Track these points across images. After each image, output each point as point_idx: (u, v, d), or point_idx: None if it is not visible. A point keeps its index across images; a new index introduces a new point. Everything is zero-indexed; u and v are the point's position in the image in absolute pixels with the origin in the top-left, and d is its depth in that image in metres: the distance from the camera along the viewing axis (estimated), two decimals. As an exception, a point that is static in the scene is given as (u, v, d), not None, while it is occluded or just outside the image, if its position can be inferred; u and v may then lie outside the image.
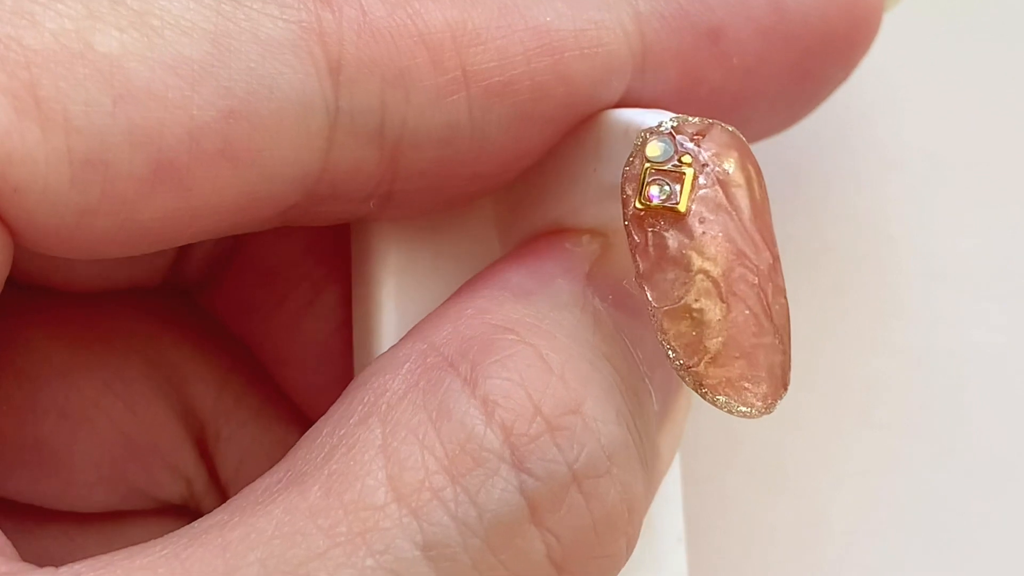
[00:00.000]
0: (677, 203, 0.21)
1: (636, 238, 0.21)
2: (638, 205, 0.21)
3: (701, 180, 0.21)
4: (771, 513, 0.31)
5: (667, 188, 0.21)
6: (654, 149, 0.21)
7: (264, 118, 0.20)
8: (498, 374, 0.20)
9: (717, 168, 0.21)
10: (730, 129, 0.21)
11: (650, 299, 0.21)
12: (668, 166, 0.21)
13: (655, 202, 0.21)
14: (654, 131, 0.21)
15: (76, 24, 0.19)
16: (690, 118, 0.21)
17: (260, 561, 0.18)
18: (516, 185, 0.24)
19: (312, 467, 0.20)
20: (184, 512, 0.28)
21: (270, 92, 0.20)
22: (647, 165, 0.21)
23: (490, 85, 0.21)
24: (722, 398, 0.21)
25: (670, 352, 0.21)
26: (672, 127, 0.21)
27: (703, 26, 0.23)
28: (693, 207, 0.20)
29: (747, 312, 0.20)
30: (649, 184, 0.21)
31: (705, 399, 0.21)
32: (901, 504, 0.31)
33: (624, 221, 0.21)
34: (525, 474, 0.20)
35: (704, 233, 0.21)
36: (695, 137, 0.21)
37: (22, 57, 0.19)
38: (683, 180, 0.21)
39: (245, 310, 0.28)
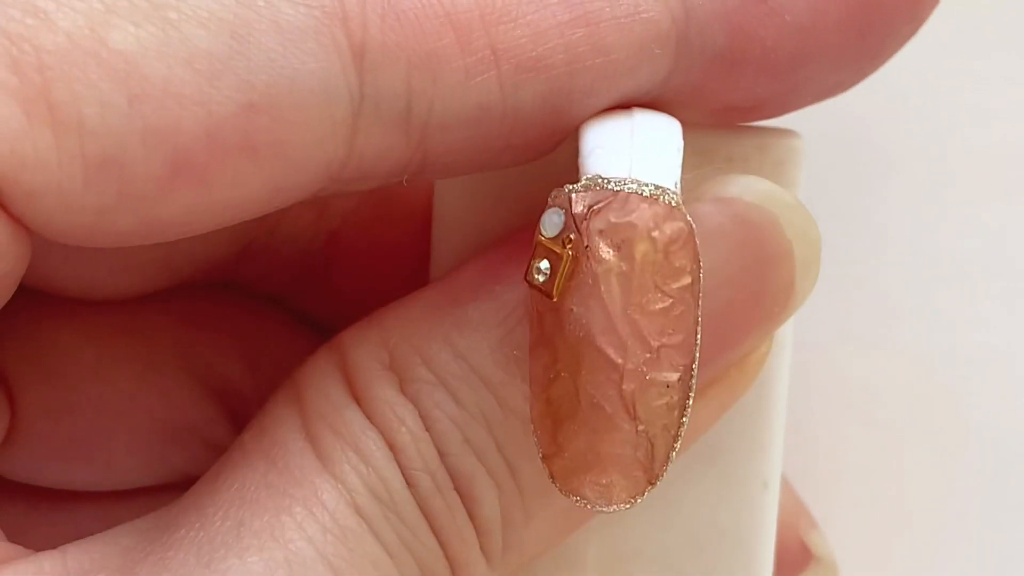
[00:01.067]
0: (552, 289, 0.20)
1: (529, 304, 0.20)
2: (527, 279, 0.20)
3: (583, 265, 0.20)
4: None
5: (547, 270, 0.20)
6: (546, 223, 0.20)
7: (285, 110, 0.20)
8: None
9: (599, 251, 0.20)
10: (644, 193, 0.20)
11: (530, 373, 0.20)
12: (555, 243, 0.20)
13: (535, 282, 0.20)
14: (557, 196, 0.20)
15: (90, 21, 0.19)
16: (604, 180, 0.20)
17: (236, 523, 0.21)
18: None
19: (252, 446, 0.22)
20: None
21: (291, 83, 0.20)
22: (537, 237, 0.20)
23: (522, 61, 0.21)
24: (577, 498, 0.20)
25: (535, 437, 0.20)
26: (572, 194, 0.20)
27: None
28: (566, 296, 0.20)
29: (602, 413, 0.20)
30: (535, 261, 0.20)
31: (563, 493, 0.20)
32: (901, 504, 0.31)
33: None
34: (403, 472, 0.21)
35: (569, 325, 0.20)
36: (593, 209, 0.20)
37: (35, 60, 0.19)
38: (562, 264, 0.20)
39: (334, 319, 0.28)
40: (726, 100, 0.23)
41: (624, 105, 0.22)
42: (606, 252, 0.20)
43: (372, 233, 0.28)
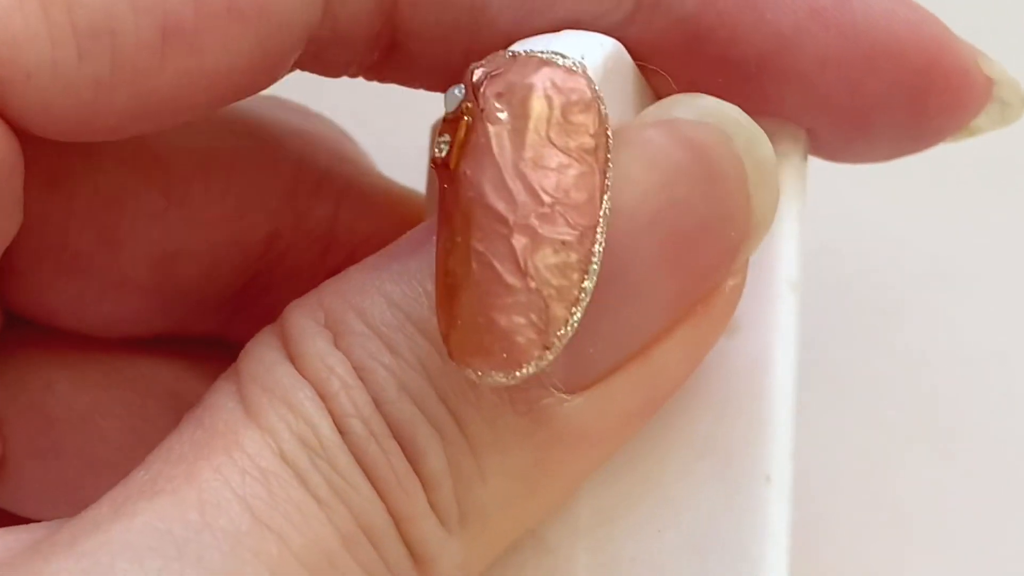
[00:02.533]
0: (450, 159, 0.19)
1: (436, 191, 0.20)
2: (429, 164, 0.20)
3: (477, 128, 0.19)
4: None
5: (446, 143, 0.19)
6: (448, 99, 0.20)
7: None
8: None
9: (493, 111, 0.19)
10: (542, 57, 0.19)
11: (435, 264, 0.20)
12: (455, 115, 0.19)
13: (437, 159, 0.19)
14: (466, 75, 0.20)
15: None
16: (511, 52, 0.20)
17: (155, 475, 0.20)
18: None
19: (187, 417, 0.21)
20: None
21: None
22: (444, 116, 0.20)
23: None
24: (472, 372, 0.19)
25: (436, 318, 0.19)
26: (476, 68, 0.20)
27: None
28: (461, 162, 0.19)
29: (492, 272, 0.19)
30: (436, 139, 0.19)
31: (465, 375, 0.19)
32: (901, 504, 0.31)
33: None
34: (335, 421, 0.20)
35: (462, 189, 0.19)
36: (490, 75, 0.19)
37: None
38: (457, 132, 0.19)
39: None
40: (689, 75, 0.22)
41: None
42: (500, 111, 0.19)
43: None
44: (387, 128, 0.25)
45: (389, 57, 0.23)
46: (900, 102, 0.23)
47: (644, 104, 0.22)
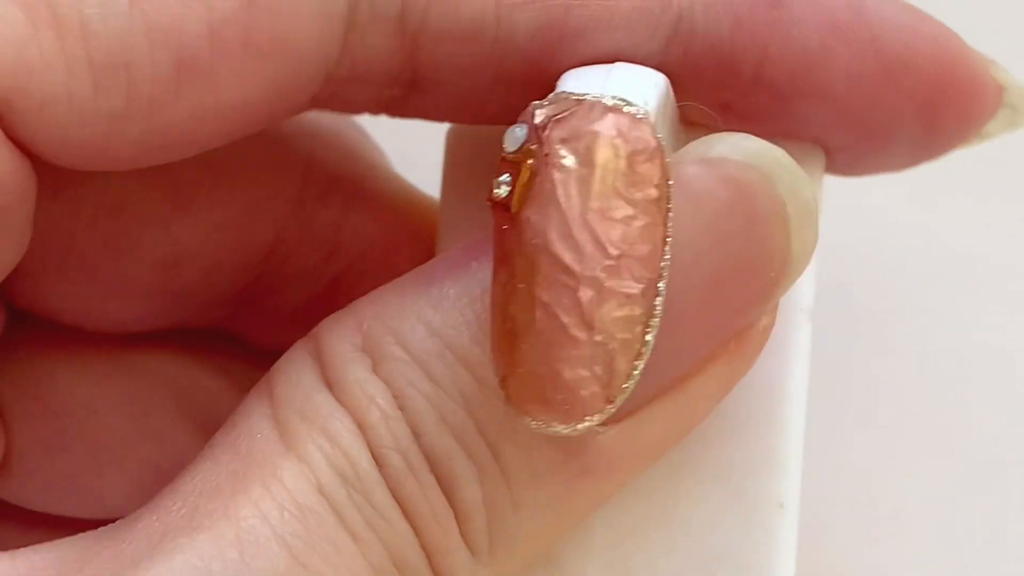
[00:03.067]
0: (511, 201, 0.19)
1: (494, 232, 0.20)
2: (487, 201, 0.19)
3: (542, 173, 0.19)
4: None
5: (508, 183, 0.19)
6: (508, 137, 0.19)
7: (284, 5, 0.20)
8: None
9: (559, 157, 0.19)
10: (607, 103, 0.19)
11: (490, 303, 0.20)
12: (517, 156, 0.19)
13: (496, 199, 0.19)
14: (524, 114, 0.20)
15: None
16: (567, 94, 0.19)
17: (192, 509, 0.20)
18: None
19: (220, 440, 0.21)
20: None
21: None
22: (501, 156, 0.19)
23: None
24: (531, 420, 0.19)
25: (493, 362, 0.19)
26: (536, 109, 0.19)
27: None
28: (525, 206, 0.19)
29: (557, 322, 0.19)
30: (497, 177, 0.19)
31: (522, 422, 0.19)
32: (901, 504, 0.31)
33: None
34: (373, 453, 0.20)
35: (526, 235, 0.19)
36: (555, 119, 0.19)
37: None
38: (519, 174, 0.19)
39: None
40: (724, 96, 0.23)
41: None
42: (566, 158, 0.19)
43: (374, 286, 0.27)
44: (404, 125, 0.25)
45: (411, 94, 0.22)
46: (917, 114, 0.23)
47: (677, 132, 0.22)
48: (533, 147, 0.19)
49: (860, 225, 0.31)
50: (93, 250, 0.25)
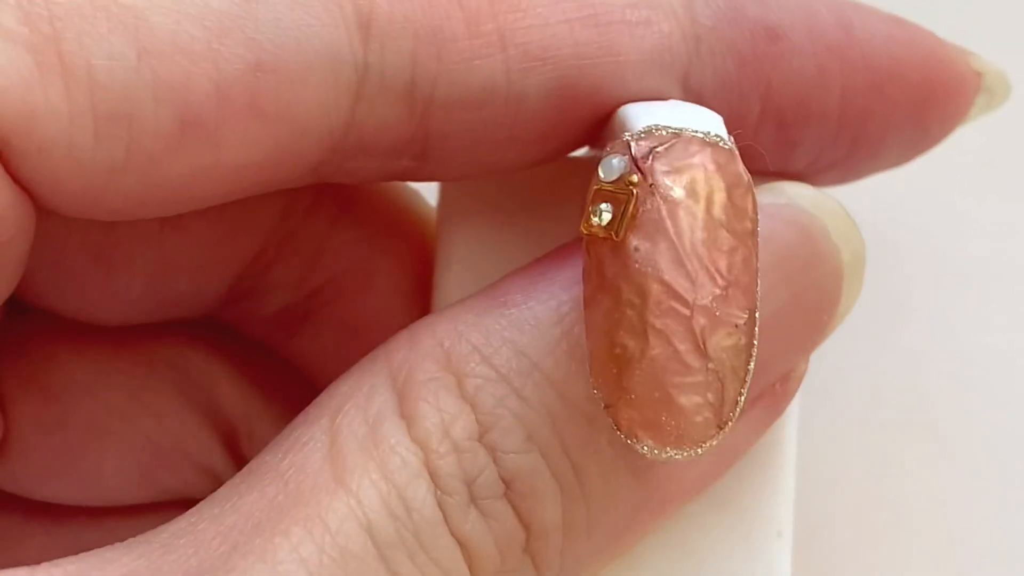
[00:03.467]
0: (615, 229, 0.19)
1: (584, 261, 0.20)
2: (583, 229, 0.20)
3: (648, 203, 0.19)
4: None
5: (608, 212, 0.19)
6: (605, 168, 0.20)
7: (292, 71, 0.20)
8: (423, 396, 0.21)
9: (666, 189, 0.19)
10: (703, 137, 0.20)
11: (587, 329, 0.20)
12: (616, 187, 0.19)
13: (595, 227, 0.19)
14: (615, 145, 0.20)
15: None
16: (661, 128, 0.20)
17: (231, 547, 0.19)
18: None
19: (270, 466, 0.21)
20: None
21: (298, 44, 0.20)
22: (596, 186, 0.20)
23: (529, 50, 0.21)
24: (642, 445, 0.19)
25: (595, 391, 0.20)
26: (632, 140, 0.20)
27: (759, 23, 0.22)
28: (630, 234, 0.19)
29: (671, 349, 0.19)
30: (594, 207, 0.20)
31: (629, 444, 0.19)
32: (901, 504, 0.31)
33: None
34: (436, 486, 0.20)
35: (634, 263, 0.19)
36: (655, 151, 0.19)
37: (45, 11, 0.19)
38: (625, 203, 0.19)
39: (320, 361, 0.28)
40: (732, 130, 0.23)
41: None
42: (673, 189, 0.19)
43: (352, 301, 0.27)
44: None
45: (422, 165, 0.22)
46: (907, 119, 0.24)
47: None
48: (634, 178, 0.19)
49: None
50: (83, 264, 0.25)
